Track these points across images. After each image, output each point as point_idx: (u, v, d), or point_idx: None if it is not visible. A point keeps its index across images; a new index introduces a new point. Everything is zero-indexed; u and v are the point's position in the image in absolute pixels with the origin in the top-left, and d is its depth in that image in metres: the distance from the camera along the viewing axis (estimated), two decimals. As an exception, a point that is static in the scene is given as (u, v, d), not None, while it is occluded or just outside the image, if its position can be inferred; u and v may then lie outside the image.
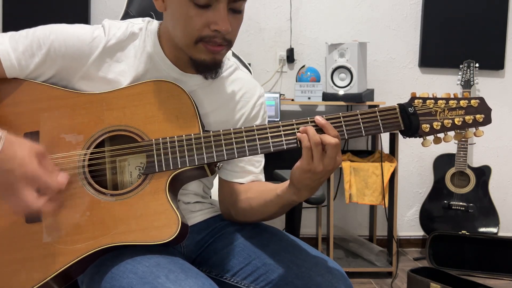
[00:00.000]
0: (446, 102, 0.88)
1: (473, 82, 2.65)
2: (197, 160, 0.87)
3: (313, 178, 0.84)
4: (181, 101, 0.91)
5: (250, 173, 1.05)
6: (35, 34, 0.91)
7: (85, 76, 0.94)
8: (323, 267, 0.91)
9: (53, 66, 0.92)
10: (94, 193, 0.87)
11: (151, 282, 0.77)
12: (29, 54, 0.90)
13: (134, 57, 0.96)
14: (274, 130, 0.87)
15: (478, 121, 0.88)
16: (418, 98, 0.88)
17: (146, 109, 0.90)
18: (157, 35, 0.97)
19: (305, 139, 0.83)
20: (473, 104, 0.88)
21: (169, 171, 0.87)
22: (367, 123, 0.87)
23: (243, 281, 0.95)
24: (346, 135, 0.86)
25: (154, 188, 0.87)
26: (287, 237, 1.00)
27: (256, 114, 1.07)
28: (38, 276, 0.83)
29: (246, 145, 0.87)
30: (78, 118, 0.90)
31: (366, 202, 2.47)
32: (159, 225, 0.84)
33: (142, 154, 0.89)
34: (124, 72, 0.95)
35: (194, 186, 1.06)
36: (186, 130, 0.89)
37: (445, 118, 0.87)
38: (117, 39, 0.95)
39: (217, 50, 0.90)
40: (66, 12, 2.65)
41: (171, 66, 0.97)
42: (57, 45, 0.91)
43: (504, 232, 2.80)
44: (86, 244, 0.84)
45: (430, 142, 0.88)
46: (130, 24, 0.98)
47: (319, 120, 0.85)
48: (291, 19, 2.84)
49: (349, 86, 2.59)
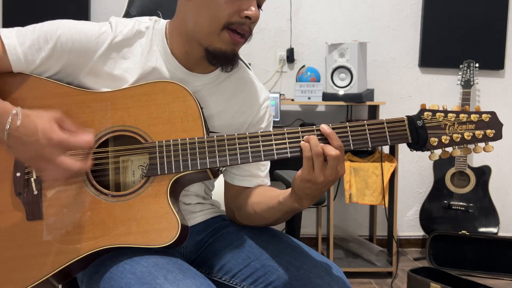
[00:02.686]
0: (456, 115, 0.85)
1: (473, 82, 2.65)
2: (199, 164, 0.87)
3: (313, 188, 0.83)
4: (186, 103, 0.90)
5: (256, 177, 1.05)
6: (42, 29, 0.91)
7: (91, 72, 0.93)
8: (322, 269, 0.91)
9: (59, 61, 0.91)
10: (96, 193, 0.87)
11: (149, 283, 0.77)
12: (36, 49, 0.90)
13: (141, 55, 0.96)
14: (278, 137, 0.86)
15: (489, 136, 0.85)
16: (428, 110, 0.85)
17: (151, 110, 0.90)
18: (164, 34, 0.98)
19: (306, 148, 0.82)
20: (484, 119, 0.85)
21: (171, 174, 0.87)
22: (373, 134, 0.85)
23: (242, 283, 0.95)
24: (352, 146, 0.85)
25: (155, 190, 0.86)
26: (286, 239, 1.00)
27: (262, 117, 1.06)
28: (37, 274, 0.83)
29: (249, 151, 0.86)
30: (82, 117, 0.90)
31: (366, 202, 2.47)
32: (159, 228, 0.84)
33: (145, 155, 0.89)
34: (130, 69, 0.95)
35: (195, 187, 1.06)
36: (190, 133, 0.89)
37: (455, 132, 0.85)
38: (123, 36, 0.95)
39: (239, 41, 0.92)
40: (66, 12, 2.65)
41: (177, 66, 0.97)
42: (64, 39, 0.91)
43: (504, 232, 2.80)
44: (86, 244, 0.84)
45: (438, 156, 0.86)
46: (137, 22, 0.98)
47: (324, 129, 0.84)
48: (291, 19, 2.84)
49: (349, 86, 2.59)
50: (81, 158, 0.79)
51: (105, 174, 0.90)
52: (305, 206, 0.89)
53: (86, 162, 0.80)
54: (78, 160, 0.79)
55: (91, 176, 0.88)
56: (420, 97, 2.91)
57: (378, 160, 2.50)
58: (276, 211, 0.94)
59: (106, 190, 0.88)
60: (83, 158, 0.80)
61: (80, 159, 0.79)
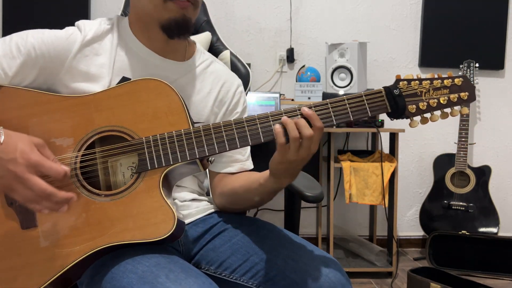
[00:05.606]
0: (430, 82, 0.89)
1: (473, 82, 2.65)
2: (188, 155, 0.87)
3: (289, 167, 0.88)
4: (169, 98, 0.91)
5: (238, 161, 1.11)
6: (13, 39, 0.94)
7: (68, 73, 0.95)
8: (320, 262, 0.92)
9: (35, 67, 0.93)
10: (88, 194, 0.87)
11: (151, 282, 0.77)
12: (10, 57, 0.91)
13: (111, 49, 0.99)
14: (263, 121, 0.88)
15: (463, 98, 0.89)
16: (403, 80, 0.89)
17: (135, 108, 0.90)
18: (129, 27, 1.03)
19: (280, 134, 0.84)
20: (457, 83, 0.89)
21: (161, 168, 0.87)
22: (354, 108, 0.88)
23: (242, 277, 0.96)
24: (335, 121, 0.88)
25: (147, 185, 0.87)
26: (284, 233, 1.02)
27: (237, 102, 1.13)
28: (38, 281, 0.83)
29: (236, 137, 0.88)
30: (67, 122, 0.90)
31: (366, 202, 2.47)
32: (156, 222, 0.84)
33: (133, 154, 0.89)
34: (104, 64, 0.98)
35: (188, 182, 1.09)
36: (176, 126, 0.90)
37: (431, 98, 0.89)
38: (93, 33, 0.99)
39: (185, 5, 0.95)
40: (66, 13, 2.65)
41: (149, 52, 1.02)
42: (36, 45, 0.93)
43: (504, 232, 2.80)
44: (84, 245, 0.84)
45: (417, 123, 0.90)
46: (102, 20, 1.03)
47: (305, 111, 0.86)
48: (291, 19, 2.84)
49: (349, 86, 2.59)
50: (54, 183, 0.78)
51: (95, 175, 0.90)
52: (285, 184, 0.93)
53: (60, 192, 0.78)
54: (51, 185, 0.77)
55: (81, 177, 0.88)
56: (420, 97, 2.91)
57: (378, 160, 2.50)
58: (259, 193, 0.99)
59: (98, 191, 0.88)
60: (57, 184, 0.79)
61: (52, 183, 0.78)
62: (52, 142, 0.89)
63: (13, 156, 0.76)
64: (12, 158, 0.76)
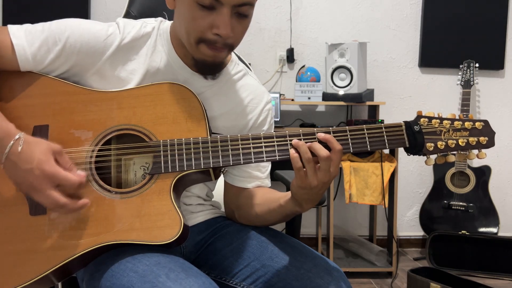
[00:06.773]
0: (451, 122, 0.89)
1: (473, 82, 2.65)
2: (203, 164, 0.88)
3: (310, 192, 0.86)
4: (191, 105, 0.92)
5: (256, 179, 1.07)
6: (51, 29, 0.92)
7: (97, 73, 0.94)
8: (322, 269, 0.91)
9: (68, 62, 0.92)
10: (100, 189, 0.87)
11: (151, 281, 0.77)
12: (45, 50, 0.90)
13: (146, 55, 0.96)
14: (280, 140, 0.88)
15: (482, 143, 0.88)
16: (424, 117, 0.89)
17: (156, 110, 0.91)
18: (169, 34, 0.98)
19: (295, 159, 0.83)
20: (478, 126, 0.89)
21: (174, 173, 0.88)
22: (372, 138, 0.88)
23: (242, 283, 0.95)
24: (352, 149, 0.87)
25: (159, 188, 0.87)
26: (286, 239, 1.00)
27: (264, 120, 1.08)
28: (38, 269, 0.83)
29: (252, 152, 0.88)
30: (88, 115, 0.91)
31: (366, 202, 2.47)
32: (162, 225, 0.84)
33: (148, 154, 0.90)
34: (135, 70, 0.95)
35: (197, 189, 1.07)
36: (194, 133, 0.90)
37: (449, 139, 0.88)
38: (131, 37, 0.96)
39: (218, 54, 0.91)
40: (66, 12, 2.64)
41: (182, 66, 0.98)
42: (72, 41, 0.91)
43: (504, 232, 2.80)
44: (88, 240, 0.84)
45: (433, 161, 0.89)
46: (144, 23, 0.99)
47: (321, 136, 0.85)
48: (291, 19, 2.84)
49: (349, 86, 2.59)
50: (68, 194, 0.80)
51: (108, 171, 0.91)
52: (306, 209, 0.91)
53: (73, 201, 0.81)
54: (64, 196, 0.80)
55: (95, 172, 0.88)
56: (420, 97, 2.91)
57: (378, 160, 2.50)
58: (277, 214, 0.96)
59: (110, 187, 0.88)
60: (71, 195, 0.81)
61: (66, 195, 0.80)
62: (71, 133, 0.90)
63: (30, 166, 0.78)
64: (29, 169, 0.78)
